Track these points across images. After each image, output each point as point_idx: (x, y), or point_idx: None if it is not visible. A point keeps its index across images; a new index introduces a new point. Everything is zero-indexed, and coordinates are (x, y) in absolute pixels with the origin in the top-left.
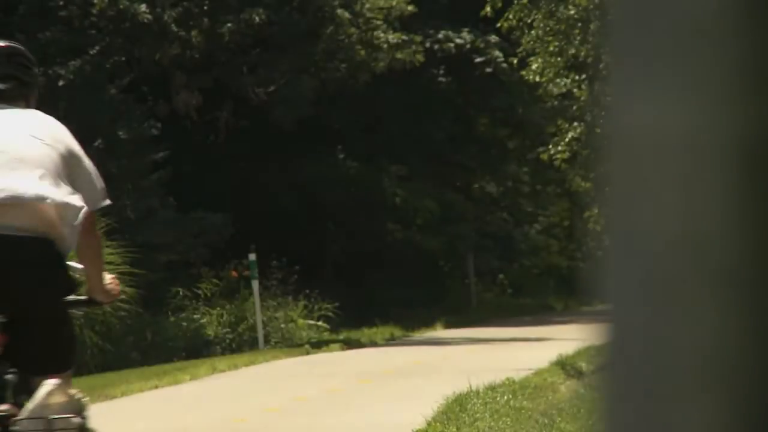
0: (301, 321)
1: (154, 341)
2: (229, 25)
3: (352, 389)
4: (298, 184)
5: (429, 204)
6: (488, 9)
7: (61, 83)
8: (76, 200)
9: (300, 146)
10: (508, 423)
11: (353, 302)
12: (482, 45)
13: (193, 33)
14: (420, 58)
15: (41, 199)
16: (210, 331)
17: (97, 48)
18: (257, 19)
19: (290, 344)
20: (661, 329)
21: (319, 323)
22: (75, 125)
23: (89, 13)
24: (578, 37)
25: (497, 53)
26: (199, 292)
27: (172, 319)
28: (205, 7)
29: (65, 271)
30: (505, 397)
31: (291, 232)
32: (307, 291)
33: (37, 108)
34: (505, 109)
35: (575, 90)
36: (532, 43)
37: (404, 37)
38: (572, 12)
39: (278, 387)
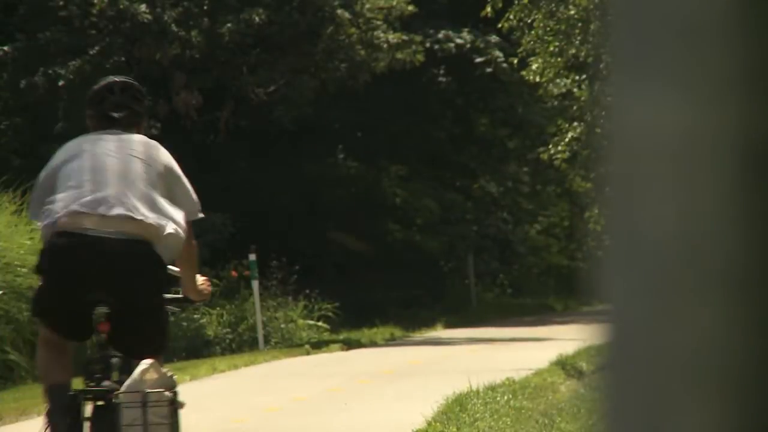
0: (301, 321)
1: None
2: (229, 25)
3: (352, 389)
4: (298, 184)
5: (429, 204)
6: (488, 9)
7: (61, 83)
8: (175, 214)
9: (300, 146)
10: (508, 423)
11: (353, 302)
12: (482, 45)
13: (193, 33)
14: (420, 58)
15: (143, 215)
16: (210, 331)
17: (97, 48)
18: (257, 19)
19: (290, 344)
20: (661, 329)
21: (319, 323)
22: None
23: (89, 13)
24: (578, 37)
25: (497, 53)
26: None
27: (172, 319)
28: (205, 7)
29: (163, 271)
30: (505, 397)
31: (291, 232)
32: (307, 291)
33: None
34: (505, 109)
35: (575, 90)
36: (532, 43)
37: (404, 37)
38: (572, 12)
39: (278, 387)
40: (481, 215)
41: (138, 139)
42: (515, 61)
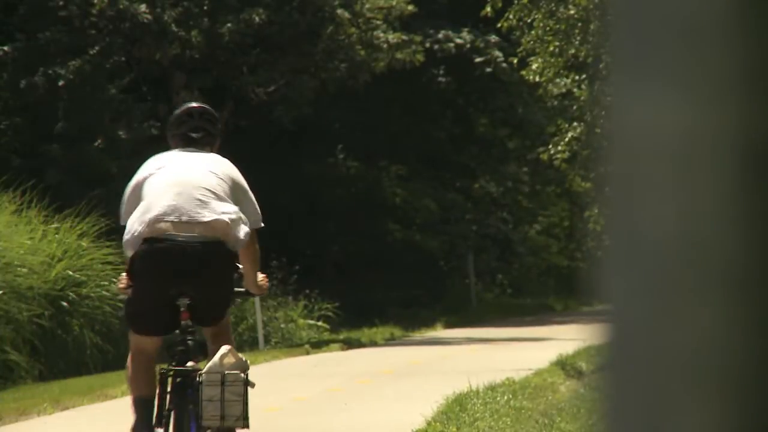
0: (301, 321)
1: None
2: (229, 25)
3: (352, 389)
4: (298, 184)
5: (429, 204)
6: (488, 9)
7: (61, 83)
8: (242, 219)
9: (300, 146)
10: (508, 423)
11: (353, 302)
12: (482, 45)
13: (193, 33)
14: (420, 58)
15: (218, 217)
16: None
17: (97, 48)
18: (257, 19)
19: (290, 344)
20: (661, 329)
21: (319, 323)
22: (75, 125)
23: (89, 13)
24: (578, 37)
25: (497, 53)
26: None
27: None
28: (205, 7)
29: (234, 269)
30: (505, 397)
31: (291, 232)
32: (307, 291)
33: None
34: (505, 109)
35: (575, 90)
36: (532, 43)
37: (404, 37)
38: (572, 12)
39: (278, 387)
40: (481, 215)
41: (212, 156)
42: (515, 61)
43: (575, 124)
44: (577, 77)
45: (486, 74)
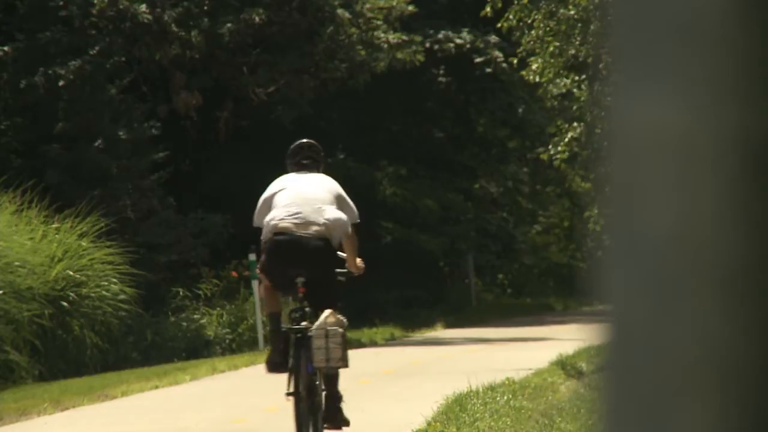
0: None
1: (155, 342)
2: (229, 25)
3: (352, 389)
4: None
5: (429, 204)
6: (488, 9)
7: (61, 83)
8: (342, 221)
9: None
10: (508, 423)
11: (353, 302)
12: (482, 45)
13: (193, 33)
14: (420, 58)
15: (324, 220)
16: (210, 332)
17: (97, 48)
18: (257, 19)
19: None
20: (661, 329)
21: None
22: (75, 125)
23: (89, 13)
24: (578, 38)
25: (497, 53)
26: (199, 292)
27: (172, 319)
28: (205, 7)
29: (335, 256)
30: (505, 397)
31: None
32: None
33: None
34: (505, 109)
35: (575, 90)
36: (532, 43)
37: (404, 37)
38: (572, 12)
39: (278, 387)
40: (481, 215)
41: (320, 176)
42: (515, 61)
43: (575, 124)
44: (577, 77)
45: (486, 74)
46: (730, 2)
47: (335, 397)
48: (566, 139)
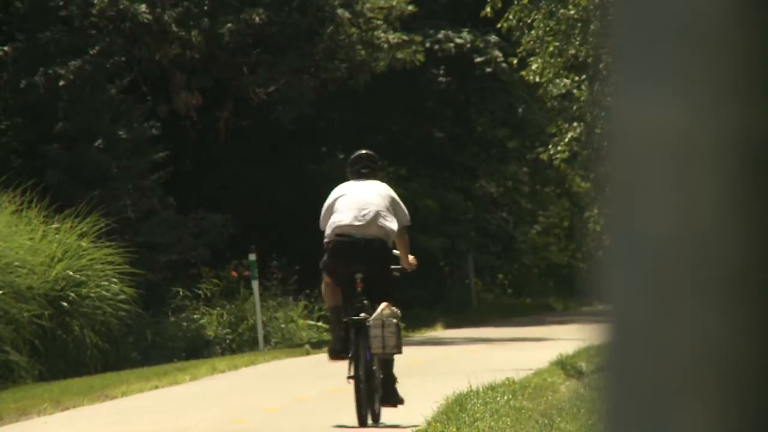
0: (301, 321)
1: (155, 341)
2: (229, 25)
3: (352, 389)
4: (298, 184)
5: (429, 204)
6: (488, 9)
7: (61, 83)
8: (395, 223)
9: (300, 146)
10: (508, 423)
11: None
12: (482, 45)
13: (193, 33)
14: (420, 58)
15: (380, 223)
16: (210, 332)
17: (97, 48)
18: (257, 19)
19: (290, 344)
20: (661, 329)
21: (319, 323)
22: (75, 125)
23: (89, 13)
24: (578, 38)
25: (497, 53)
26: (199, 292)
27: (172, 319)
28: (205, 7)
29: (390, 254)
30: (505, 397)
31: (291, 232)
32: (307, 291)
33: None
34: (505, 109)
35: (575, 90)
36: (532, 43)
37: (404, 37)
38: (572, 12)
39: (278, 387)
40: (481, 215)
41: (377, 183)
42: (515, 61)
43: (575, 124)
44: (577, 77)
45: (486, 74)
46: (730, 2)
47: (391, 380)
48: (566, 139)
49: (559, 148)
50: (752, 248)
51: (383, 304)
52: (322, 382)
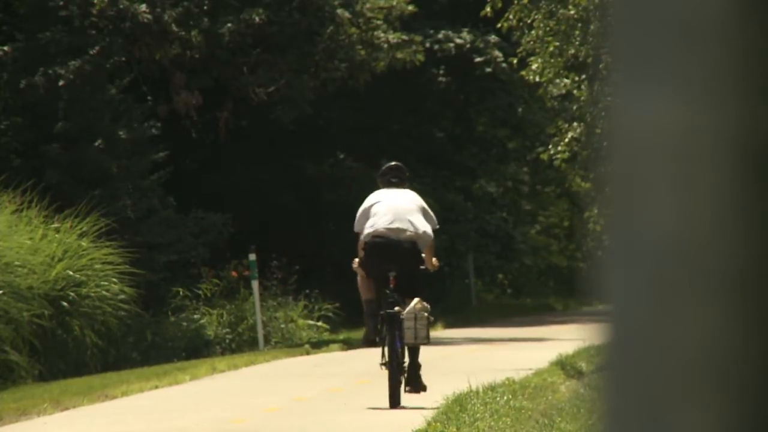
0: (301, 321)
1: (154, 341)
2: (229, 25)
3: (352, 389)
4: (298, 184)
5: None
6: (488, 9)
7: (61, 83)
8: (426, 227)
9: (300, 146)
10: (508, 423)
11: (353, 302)
12: (482, 45)
13: (193, 33)
14: (420, 58)
15: (412, 228)
16: (210, 331)
17: (97, 48)
18: (257, 19)
19: (290, 344)
20: (662, 329)
21: (319, 323)
22: (75, 125)
23: (89, 13)
24: (578, 38)
25: (497, 53)
26: (199, 292)
27: (172, 319)
28: (205, 7)
29: (420, 256)
30: (505, 397)
31: (291, 232)
32: (307, 291)
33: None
34: (505, 109)
35: (575, 90)
36: (532, 43)
37: (404, 37)
38: (572, 12)
39: (278, 387)
40: (480, 215)
41: (407, 191)
42: (515, 61)
43: (575, 124)
44: (577, 78)
45: (486, 74)
46: (730, 2)
47: (416, 366)
48: (566, 139)
49: (559, 148)
50: (752, 248)
51: (415, 299)
52: (322, 382)
